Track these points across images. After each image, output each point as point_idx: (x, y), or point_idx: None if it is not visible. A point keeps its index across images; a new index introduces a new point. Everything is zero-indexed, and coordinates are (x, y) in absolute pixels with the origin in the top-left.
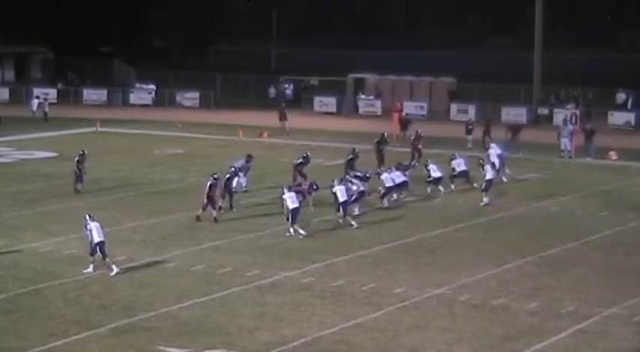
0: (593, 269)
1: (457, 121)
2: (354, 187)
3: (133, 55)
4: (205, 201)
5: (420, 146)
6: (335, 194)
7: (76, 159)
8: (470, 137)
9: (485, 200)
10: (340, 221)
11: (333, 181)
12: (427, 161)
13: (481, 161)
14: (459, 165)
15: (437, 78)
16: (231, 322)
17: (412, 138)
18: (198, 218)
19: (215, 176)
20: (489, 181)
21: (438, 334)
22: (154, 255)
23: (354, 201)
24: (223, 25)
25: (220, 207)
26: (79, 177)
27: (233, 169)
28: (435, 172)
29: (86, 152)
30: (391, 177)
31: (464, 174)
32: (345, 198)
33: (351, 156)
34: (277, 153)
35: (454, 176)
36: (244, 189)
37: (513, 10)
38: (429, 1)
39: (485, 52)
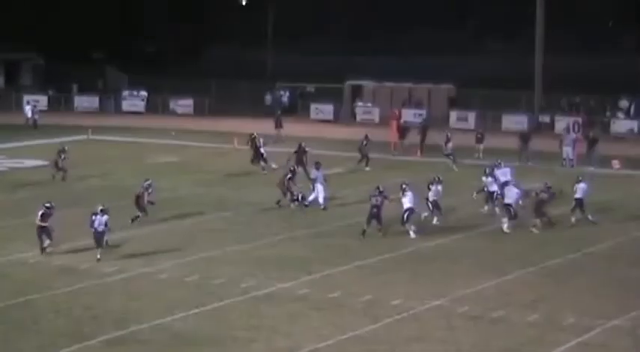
0: (594, 280)
1: (457, 129)
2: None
3: (125, 61)
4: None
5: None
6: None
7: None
8: (481, 146)
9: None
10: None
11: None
12: (487, 169)
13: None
14: (505, 174)
15: (436, 85)
16: (225, 334)
17: (295, 151)
18: (43, 250)
19: (47, 205)
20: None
21: (436, 346)
22: (147, 266)
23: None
24: (217, 31)
25: (138, 216)
26: (58, 168)
27: (148, 184)
28: (492, 186)
29: (67, 148)
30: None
31: (507, 185)
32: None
33: (365, 142)
34: (272, 161)
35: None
36: (323, 206)
37: (513, 16)
38: (427, 7)
39: (484, 58)
